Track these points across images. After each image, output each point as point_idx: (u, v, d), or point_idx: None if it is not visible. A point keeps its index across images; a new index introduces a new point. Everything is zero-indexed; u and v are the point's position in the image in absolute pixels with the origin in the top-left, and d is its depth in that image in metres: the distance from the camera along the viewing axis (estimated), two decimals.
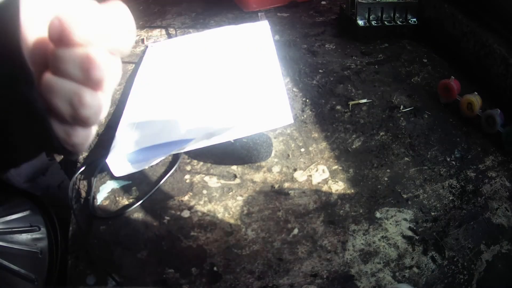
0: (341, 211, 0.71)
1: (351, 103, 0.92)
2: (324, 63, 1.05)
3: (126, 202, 0.74)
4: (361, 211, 0.71)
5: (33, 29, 0.29)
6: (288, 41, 1.13)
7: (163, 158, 0.79)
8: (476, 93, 0.86)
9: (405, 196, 0.73)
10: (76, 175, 0.78)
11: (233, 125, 0.78)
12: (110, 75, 0.29)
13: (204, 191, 0.75)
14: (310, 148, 0.83)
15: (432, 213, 0.71)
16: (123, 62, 1.14)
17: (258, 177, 0.77)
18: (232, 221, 0.71)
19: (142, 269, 0.65)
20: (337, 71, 1.02)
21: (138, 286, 0.63)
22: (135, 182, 0.77)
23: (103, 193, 0.75)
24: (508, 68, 0.86)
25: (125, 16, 0.30)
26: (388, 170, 0.78)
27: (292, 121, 0.80)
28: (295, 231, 0.69)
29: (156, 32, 1.19)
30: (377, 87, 0.97)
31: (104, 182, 0.77)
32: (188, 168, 0.79)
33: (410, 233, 0.68)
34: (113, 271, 0.64)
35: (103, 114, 0.30)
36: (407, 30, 1.11)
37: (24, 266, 0.84)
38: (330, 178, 0.77)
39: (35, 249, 0.87)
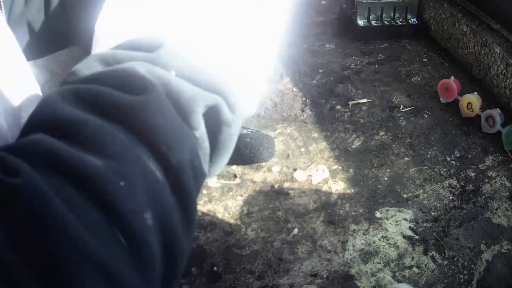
0: (341, 211, 0.71)
1: (351, 103, 0.92)
2: (324, 63, 1.05)
3: None
4: (361, 211, 0.71)
5: None
6: (288, 41, 1.13)
7: None
8: (476, 93, 0.86)
9: (405, 196, 0.73)
10: None
11: None
12: None
13: (204, 191, 0.75)
14: (310, 148, 0.83)
15: (432, 213, 0.71)
16: None
17: (258, 177, 0.77)
18: (232, 221, 0.71)
19: None
20: (337, 71, 1.02)
21: None
22: None
23: None
24: (508, 68, 0.86)
25: None
26: (388, 170, 0.78)
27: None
28: (295, 231, 0.69)
29: None
30: (377, 87, 0.97)
31: None
32: None
33: (410, 233, 0.68)
34: None
35: None
36: (407, 30, 1.11)
37: None
38: (330, 178, 0.77)
39: None
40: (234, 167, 0.79)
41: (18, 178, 0.20)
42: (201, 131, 0.28)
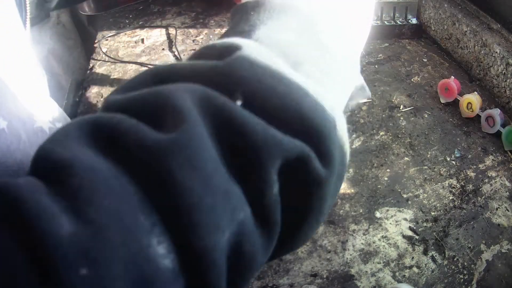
0: (341, 211, 0.71)
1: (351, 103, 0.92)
2: None
3: None
4: (361, 211, 0.71)
5: None
6: None
7: None
8: (476, 93, 0.86)
9: (405, 196, 0.73)
10: None
11: None
12: None
13: None
14: None
15: (432, 213, 0.71)
16: (123, 62, 1.14)
17: None
18: None
19: None
20: None
21: None
22: None
23: None
24: (508, 68, 0.86)
25: None
26: (388, 170, 0.78)
27: None
28: None
29: (156, 32, 1.18)
30: (377, 87, 0.97)
31: None
32: None
33: (410, 233, 0.68)
34: None
35: None
36: (407, 30, 1.11)
37: None
38: None
39: None
40: None
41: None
42: (273, 196, 0.19)
